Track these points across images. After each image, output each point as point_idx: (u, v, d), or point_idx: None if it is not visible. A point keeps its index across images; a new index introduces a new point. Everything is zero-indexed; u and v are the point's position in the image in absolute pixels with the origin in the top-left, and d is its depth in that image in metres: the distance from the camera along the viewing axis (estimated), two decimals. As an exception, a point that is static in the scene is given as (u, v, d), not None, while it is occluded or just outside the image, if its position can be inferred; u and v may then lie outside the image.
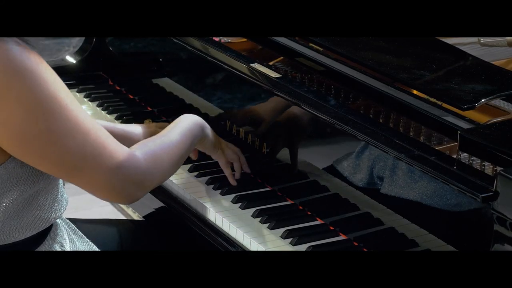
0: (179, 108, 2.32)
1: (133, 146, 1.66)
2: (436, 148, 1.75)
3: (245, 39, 2.29)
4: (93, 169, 1.57)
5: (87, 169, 1.57)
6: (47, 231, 1.74)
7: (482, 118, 1.82)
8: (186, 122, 1.84)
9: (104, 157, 1.57)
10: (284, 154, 2.01)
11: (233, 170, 2.03)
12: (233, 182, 2.02)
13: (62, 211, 1.73)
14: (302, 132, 1.97)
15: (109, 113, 2.41)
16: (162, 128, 2.05)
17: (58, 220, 1.78)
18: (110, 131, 1.82)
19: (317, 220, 1.90)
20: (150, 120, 2.28)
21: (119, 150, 1.60)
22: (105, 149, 1.58)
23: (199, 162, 2.11)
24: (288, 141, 2.00)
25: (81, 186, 1.61)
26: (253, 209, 1.92)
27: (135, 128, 2.03)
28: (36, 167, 1.58)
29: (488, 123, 1.79)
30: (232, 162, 2.03)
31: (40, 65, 1.52)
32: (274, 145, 2.02)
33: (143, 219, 2.17)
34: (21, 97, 1.50)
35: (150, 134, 2.07)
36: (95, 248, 1.85)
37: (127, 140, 1.97)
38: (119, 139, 1.81)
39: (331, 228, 1.87)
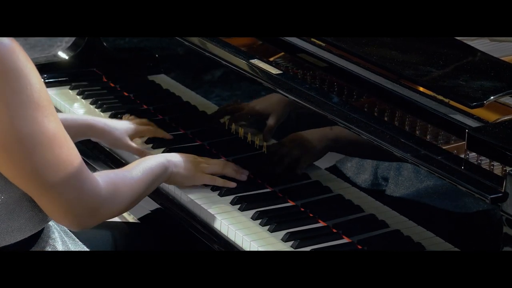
0: (176, 105, 2.33)
1: (95, 173, 1.67)
2: (443, 148, 1.75)
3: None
4: (62, 185, 1.57)
5: (57, 185, 1.57)
6: (39, 233, 1.72)
7: (491, 116, 1.82)
8: (150, 162, 1.84)
9: (73, 175, 1.58)
10: (285, 153, 2.00)
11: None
12: (232, 184, 1.99)
13: None
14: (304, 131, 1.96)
15: (103, 111, 2.39)
16: (143, 124, 2.16)
17: (50, 222, 1.77)
18: (73, 123, 1.98)
19: (319, 222, 1.89)
20: (129, 115, 2.27)
21: (85, 171, 1.61)
22: (74, 168, 1.58)
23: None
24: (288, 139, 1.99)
25: (45, 205, 1.61)
26: (253, 211, 1.91)
27: (98, 119, 2.11)
28: (11, 179, 1.57)
29: (498, 121, 1.79)
30: (224, 174, 2.00)
31: (28, 68, 1.51)
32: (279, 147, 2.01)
33: (138, 221, 2.15)
34: (7, 100, 1.48)
35: (133, 130, 2.14)
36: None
37: (91, 131, 2.07)
38: (83, 131, 2.01)
39: (334, 230, 1.86)
